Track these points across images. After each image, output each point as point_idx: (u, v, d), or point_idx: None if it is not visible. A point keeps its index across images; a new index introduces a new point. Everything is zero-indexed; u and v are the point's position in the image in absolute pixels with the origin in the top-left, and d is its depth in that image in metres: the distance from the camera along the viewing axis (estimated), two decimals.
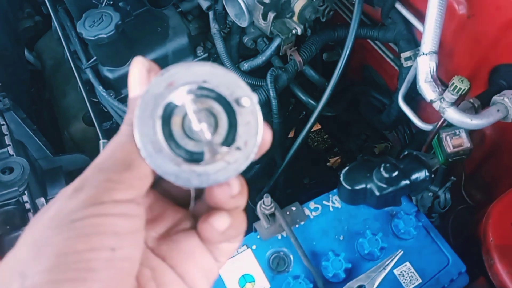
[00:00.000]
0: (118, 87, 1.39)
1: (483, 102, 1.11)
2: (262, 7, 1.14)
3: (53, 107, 1.82)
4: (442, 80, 1.13)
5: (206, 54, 1.45)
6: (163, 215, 0.41)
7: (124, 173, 0.34)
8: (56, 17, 1.31)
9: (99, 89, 1.34)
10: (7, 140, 1.25)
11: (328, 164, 2.07)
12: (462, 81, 1.01)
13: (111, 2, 1.32)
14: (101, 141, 1.17)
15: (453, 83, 1.00)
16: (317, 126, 2.11)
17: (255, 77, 1.39)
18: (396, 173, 0.88)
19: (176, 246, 0.39)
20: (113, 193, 0.33)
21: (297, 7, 1.19)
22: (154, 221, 0.40)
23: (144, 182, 0.36)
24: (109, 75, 1.36)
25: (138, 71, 0.37)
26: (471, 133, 1.20)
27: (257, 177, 1.55)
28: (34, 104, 1.84)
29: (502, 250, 0.91)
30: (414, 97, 1.30)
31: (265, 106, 1.35)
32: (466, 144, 1.11)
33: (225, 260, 0.41)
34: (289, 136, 1.81)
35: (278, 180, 1.45)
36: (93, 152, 1.48)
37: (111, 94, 1.35)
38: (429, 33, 1.08)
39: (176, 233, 0.40)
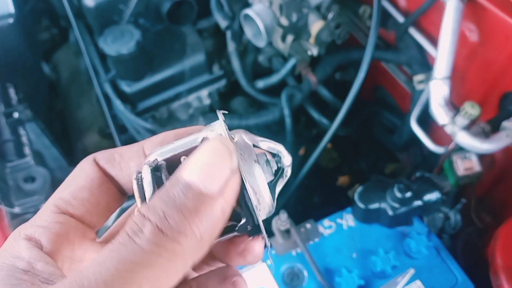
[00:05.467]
0: (135, 100, 1.42)
1: (493, 127, 1.13)
2: (281, 30, 1.18)
3: (64, 119, 1.86)
4: (453, 104, 1.16)
5: (222, 72, 1.49)
6: None
7: None
8: (78, 31, 1.35)
9: (117, 102, 1.37)
10: (27, 150, 1.28)
11: (336, 183, 2.09)
12: (473, 106, 1.03)
13: (132, 19, 1.37)
14: None
15: (464, 108, 1.03)
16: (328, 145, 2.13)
17: (269, 95, 1.42)
18: (409, 193, 0.90)
19: None
20: None
21: (314, 30, 1.23)
22: None
23: None
24: (127, 89, 1.40)
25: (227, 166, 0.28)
26: (481, 157, 1.22)
27: None
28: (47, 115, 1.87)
29: (510, 272, 0.93)
30: (426, 119, 1.33)
31: (278, 124, 1.37)
32: (476, 167, 1.14)
33: None
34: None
35: (291, 198, 1.47)
36: None
37: (128, 108, 1.39)
38: (443, 58, 1.11)
39: None
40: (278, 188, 0.35)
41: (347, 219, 1.01)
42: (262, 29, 1.22)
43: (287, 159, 0.35)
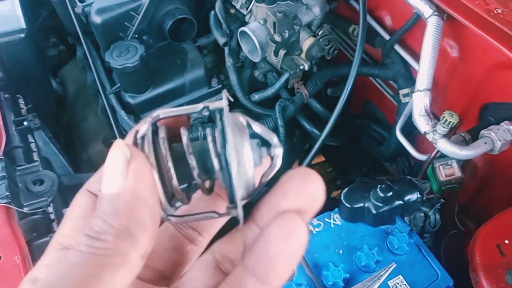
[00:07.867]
0: (138, 112, 1.51)
1: (473, 136, 1.21)
2: (274, 45, 1.27)
3: (70, 130, 1.94)
4: (436, 115, 1.23)
5: (220, 85, 1.58)
6: None
7: None
8: (87, 47, 1.44)
9: (121, 113, 1.45)
10: (35, 156, 1.36)
11: (331, 195, 2.16)
12: (452, 115, 1.11)
13: (136, 36, 1.46)
14: None
15: (444, 117, 1.11)
16: (321, 159, 2.20)
17: (264, 108, 1.51)
18: (390, 193, 0.98)
19: None
20: None
21: (305, 45, 1.33)
22: None
23: None
24: (131, 100, 1.48)
25: (120, 161, 0.31)
26: (464, 166, 1.30)
27: None
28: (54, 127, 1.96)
29: (487, 269, 0.99)
30: (412, 131, 1.40)
31: None
32: (457, 173, 1.21)
33: None
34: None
35: None
36: None
37: (131, 118, 1.47)
38: (424, 72, 1.19)
39: None
40: (265, 178, 0.35)
41: (335, 219, 1.08)
42: (257, 44, 1.32)
43: (278, 150, 0.34)
